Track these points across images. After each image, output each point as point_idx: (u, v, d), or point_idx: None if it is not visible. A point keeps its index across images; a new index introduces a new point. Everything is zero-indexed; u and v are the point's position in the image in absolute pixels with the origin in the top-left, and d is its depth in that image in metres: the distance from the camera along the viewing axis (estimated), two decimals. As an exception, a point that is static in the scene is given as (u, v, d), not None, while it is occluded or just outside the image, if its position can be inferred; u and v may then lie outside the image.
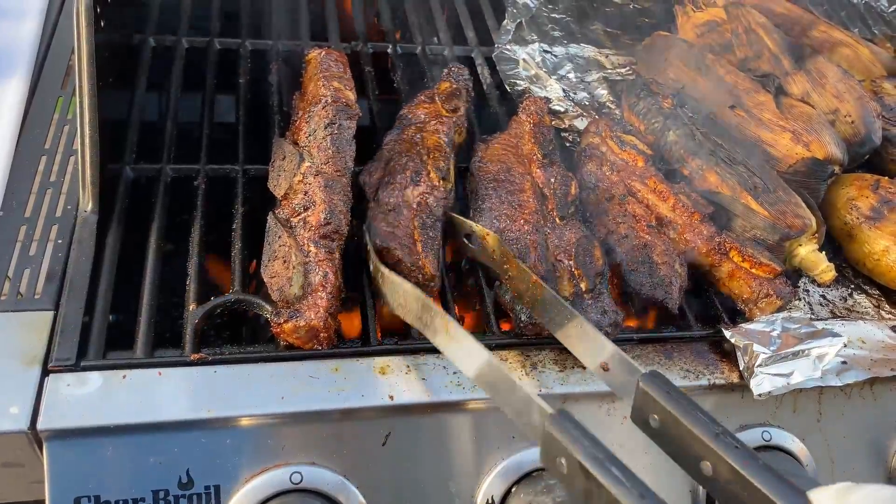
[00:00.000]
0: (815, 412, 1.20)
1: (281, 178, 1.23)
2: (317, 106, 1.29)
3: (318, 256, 1.10)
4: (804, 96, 1.52)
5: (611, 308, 1.12)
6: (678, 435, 0.88)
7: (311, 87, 1.36)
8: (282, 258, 1.11)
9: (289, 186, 1.20)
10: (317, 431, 1.03)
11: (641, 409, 0.93)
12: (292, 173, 1.21)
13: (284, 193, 1.20)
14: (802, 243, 1.30)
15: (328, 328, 1.06)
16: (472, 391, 1.07)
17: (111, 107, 1.27)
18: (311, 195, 1.16)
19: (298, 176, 1.20)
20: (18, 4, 1.51)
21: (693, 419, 0.86)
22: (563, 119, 1.60)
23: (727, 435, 0.84)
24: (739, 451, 0.82)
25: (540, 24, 1.80)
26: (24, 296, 1.07)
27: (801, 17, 1.74)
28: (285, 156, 1.25)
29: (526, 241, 1.20)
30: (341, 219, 1.15)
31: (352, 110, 1.30)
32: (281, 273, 1.10)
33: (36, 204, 1.19)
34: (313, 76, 1.38)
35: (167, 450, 0.98)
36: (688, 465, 0.87)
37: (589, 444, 0.81)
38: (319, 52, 1.42)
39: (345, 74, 1.38)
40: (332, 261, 1.10)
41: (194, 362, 1.03)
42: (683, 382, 1.14)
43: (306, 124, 1.28)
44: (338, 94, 1.31)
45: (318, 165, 1.20)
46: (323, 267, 1.09)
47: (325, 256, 1.10)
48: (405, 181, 1.23)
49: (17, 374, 0.98)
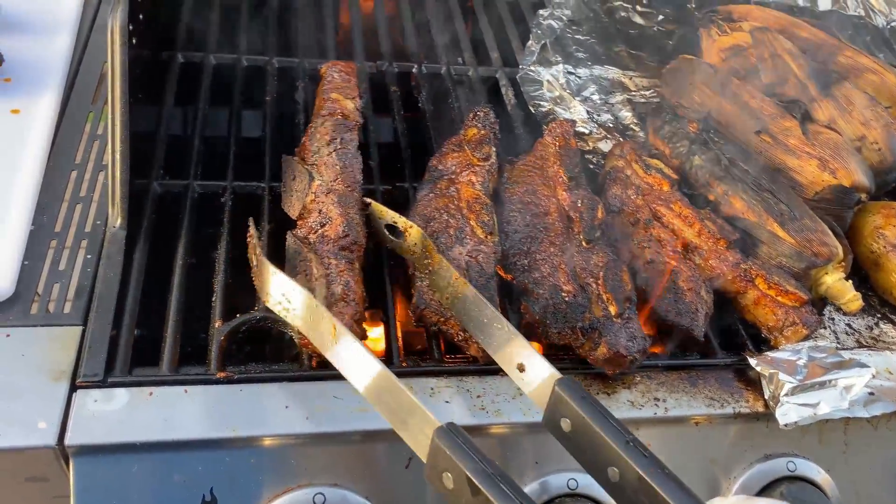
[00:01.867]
0: (840, 443, 1.19)
1: (294, 198, 1.23)
2: (317, 121, 1.30)
3: (338, 268, 1.10)
4: (831, 123, 1.51)
5: (640, 334, 1.12)
6: (588, 440, 0.89)
7: (316, 102, 1.38)
8: (303, 272, 1.11)
9: (302, 207, 1.20)
10: (340, 452, 1.03)
11: (554, 413, 0.93)
12: (304, 193, 1.21)
13: (299, 214, 1.21)
14: (829, 272, 1.29)
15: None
16: (495, 416, 1.06)
17: (140, 122, 1.28)
18: (325, 212, 1.17)
19: (310, 195, 1.20)
20: (51, 20, 1.52)
21: (604, 425, 0.87)
22: (587, 141, 1.60)
23: (637, 444, 0.85)
24: (647, 459, 0.84)
25: (564, 45, 1.80)
26: (53, 310, 1.08)
27: (827, 42, 1.74)
28: (295, 175, 1.25)
29: (553, 262, 1.19)
30: (359, 231, 1.16)
31: (349, 122, 1.29)
32: (304, 286, 1.10)
33: (66, 218, 1.20)
34: (319, 90, 1.39)
35: (192, 468, 0.98)
36: (595, 470, 0.89)
37: (478, 458, 0.81)
38: (329, 64, 1.43)
39: (348, 84, 1.38)
40: (353, 271, 1.11)
41: (220, 380, 1.03)
42: (708, 411, 1.13)
43: (310, 141, 1.29)
44: (334, 105, 1.31)
45: (328, 183, 1.20)
46: (344, 277, 1.09)
47: (346, 267, 1.11)
48: (449, 241, 1.19)
49: (46, 389, 0.98)
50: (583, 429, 0.89)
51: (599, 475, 0.88)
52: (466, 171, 1.32)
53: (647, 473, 0.82)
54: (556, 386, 0.93)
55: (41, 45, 1.46)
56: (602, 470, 0.87)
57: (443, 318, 1.12)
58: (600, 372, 1.13)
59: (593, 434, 0.88)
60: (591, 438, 0.88)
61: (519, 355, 1.00)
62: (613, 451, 0.85)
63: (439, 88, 1.67)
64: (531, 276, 1.19)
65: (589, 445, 0.89)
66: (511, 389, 1.10)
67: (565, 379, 0.94)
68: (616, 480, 0.86)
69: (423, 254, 1.14)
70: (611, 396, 1.12)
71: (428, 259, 1.13)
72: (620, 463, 0.85)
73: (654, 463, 0.84)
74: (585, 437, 0.89)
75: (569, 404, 0.91)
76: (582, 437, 0.90)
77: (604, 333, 1.10)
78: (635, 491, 0.83)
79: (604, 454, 0.87)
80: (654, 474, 0.82)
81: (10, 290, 1.08)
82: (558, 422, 0.92)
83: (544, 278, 1.18)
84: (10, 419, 0.95)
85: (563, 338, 1.12)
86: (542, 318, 1.14)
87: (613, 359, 1.09)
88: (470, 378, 1.11)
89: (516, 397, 1.09)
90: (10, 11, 1.47)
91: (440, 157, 1.37)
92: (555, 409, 0.93)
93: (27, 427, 0.94)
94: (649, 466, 0.83)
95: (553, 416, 0.94)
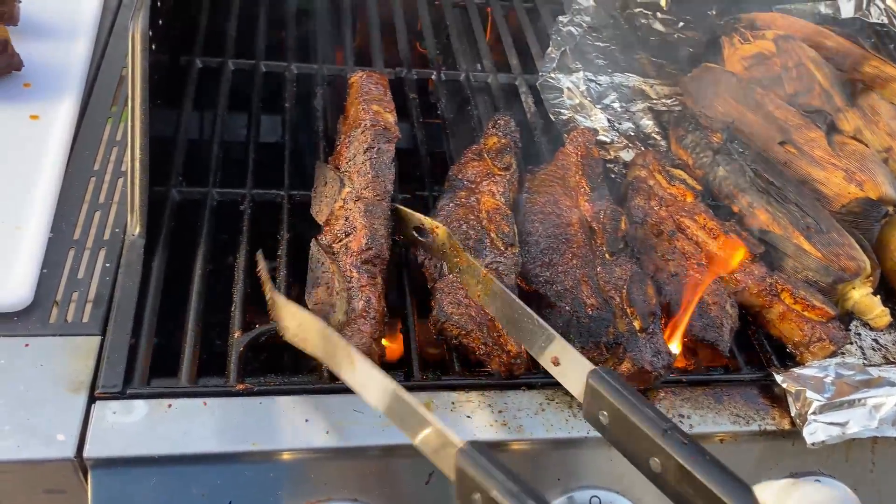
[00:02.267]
0: (868, 462, 1.16)
1: (322, 203, 1.23)
2: (356, 130, 1.29)
3: (360, 282, 1.09)
4: (856, 133, 1.49)
5: (664, 349, 1.10)
6: (627, 431, 0.87)
7: (351, 111, 1.36)
8: (325, 284, 1.10)
9: (330, 212, 1.20)
10: (360, 467, 1.01)
11: (591, 406, 0.92)
12: (333, 199, 1.20)
13: (326, 220, 1.20)
14: (856, 286, 1.27)
15: (372, 354, 1.04)
16: (517, 432, 1.05)
17: (159, 128, 1.28)
18: (351, 221, 1.16)
19: (339, 202, 1.19)
20: (70, 25, 1.52)
21: (641, 415, 0.85)
22: (608, 150, 1.58)
23: (675, 431, 0.83)
24: (687, 447, 0.81)
25: (584, 52, 1.78)
26: (72, 320, 1.07)
27: (852, 51, 1.71)
28: (326, 181, 1.24)
29: (576, 274, 1.18)
30: (382, 243, 1.15)
31: (390, 133, 1.29)
32: (325, 300, 1.09)
33: (84, 226, 1.19)
34: (354, 100, 1.37)
35: (210, 482, 0.96)
36: (638, 463, 0.86)
37: (503, 477, 0.79)
38: (361, 74, 1.42)
39: (385, 97, 1.37)
40: (375, 286, 1.09)
41: (239, 392, 1.02)
42: (733, 428, 1.11)
43: (346, 149, 1.28)
44: (376, 117, 1.30)
45: (357, 190, 1.20)
46: (366, 292, 1.08)
47: (368, 282, 1.09)
48: (469, 253, 1.18)
49: (64, 401, 0.97)
50: (620, 420, 0.87)
51: (642, 467, 0.86)
52: (486, 181, 1.31)
53: (689, 462, 0.79)
54: (590, 378, 0.91)
55: (60, 51, 1.45)
56: (644, 462, 0.85)
57: (464, 332, 1.11)
58: (624, 387, 1.11)
59: (630, 425, 0.86)
60: (629, 429, 0.86)
61: (552, 349, 0.99)
62: (652, 441, 0.83)
63: (459, 95, 1.65)
64: (553, 289, 1.18)
65: (628, 437, 0.87)
66: (533, 405, 1.08)
67: (598, 370, 0.91)
68: (659, 471, 0.83)
69: (451, 252, 1.14)
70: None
71: (457, 257, 1.13)
72: (661, 453, 0.82)
73: (694, 450, 0.80)
74: (623, 428, 0.87)
75: (604, 397, 0.89)
76: (620, 428, 0.88)
77: (628, 349, 1.08)
78: (678, 481, 0.80)
79: (643, 445, 0.84)
80: (696, 462, 0.79)
81: (28, 299, 1.08)
82: (597, 415, 0.91)
83: (567, 291, 1.17)
84: (29, 431, 0.94)
85: (586, 353, 1.10)
86: (565, 332, 1.12)
87: (638, 374, 1.07)
88: (491, 392, 1.09)
89: (538, 413, 1.07)
90: (29, 17, 1.47)
91: (460, 167, 1.35)
92: (591, 403, 0.91)
93: (46, 439, 0.93)
94: (690, 454, 0.80)
95: (591, 410, 0.92)
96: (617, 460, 1.06)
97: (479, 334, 1.10)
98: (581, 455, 1.07)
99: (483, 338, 1.10)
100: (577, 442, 1.06)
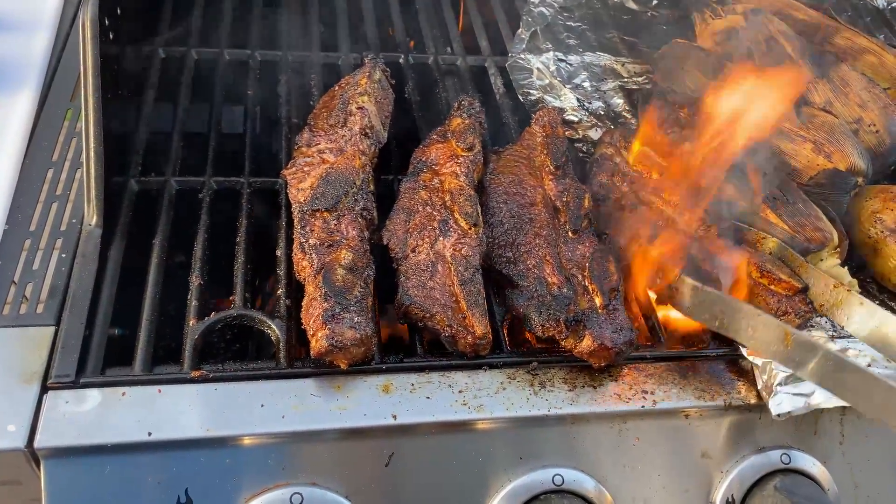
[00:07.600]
0: (837, 434, 1.15)
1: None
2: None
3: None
4: (826, 105, 1.47)
5: (626, 325, 1.09)
6: None
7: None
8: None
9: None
10: (318, 451, 1.00)
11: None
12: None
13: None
14: (824, 258, 1.26)
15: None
16: (477, 411, 1.04)
17: (118, 119, 1.27)
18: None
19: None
20: (31, 17, 1.51)
21: None
22: (576, 129, 1.56)
23: None
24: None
25: (555, 32, 1.76)
26: (26, 311, 1.06)
27: (824, 23, 1.69)
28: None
29: (539, 253, 1.16)
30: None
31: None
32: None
33: (41, 217, 1.18)
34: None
35: (166, 469, 0.96)
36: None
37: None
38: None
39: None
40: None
41: (194, 379, 1.01)
42: (698, 403, 1.10)
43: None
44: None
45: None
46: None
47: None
48: (433, 235, 1.17)
49: (16, 391, 0.97)
50: None
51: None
52: (450, 162, 1.29)
53: None
54: None
55: (20, 43, 1.44)
56: None
57: (428, 314, 1.10)
58: (587, 365, 1.10)
59: None
60: None
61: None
62: None
63: (427, 78, 1.64)
64: (516, 269, 1.16)
65: None
66: (494, 384, 1.07)
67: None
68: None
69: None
70: (597, 389, 1.09)
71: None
72: None
73: None
74: None
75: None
76: None
77: (588, 326, 1.07)
78: None
79: None
80: None
81: (-18, 291, 1.07)
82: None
83: (529, 270, 1.15)
84: (-21, 422, 0.93)
85: (547, 330, 1.09)
86: (525, 312, 1.11)
87: (598, 351, 1.06)
88: (452, 373, 1.08)
89: (499, 391, 1.06)
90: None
91: (424, 149, 1.34)
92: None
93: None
94: None
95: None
96: (580, 438, 1.06)
97: (444, 316, 1.09)
98: (543, 433, 1.06)
99: (448, 319, 1.08)
100: (539, 420, 1.05)
